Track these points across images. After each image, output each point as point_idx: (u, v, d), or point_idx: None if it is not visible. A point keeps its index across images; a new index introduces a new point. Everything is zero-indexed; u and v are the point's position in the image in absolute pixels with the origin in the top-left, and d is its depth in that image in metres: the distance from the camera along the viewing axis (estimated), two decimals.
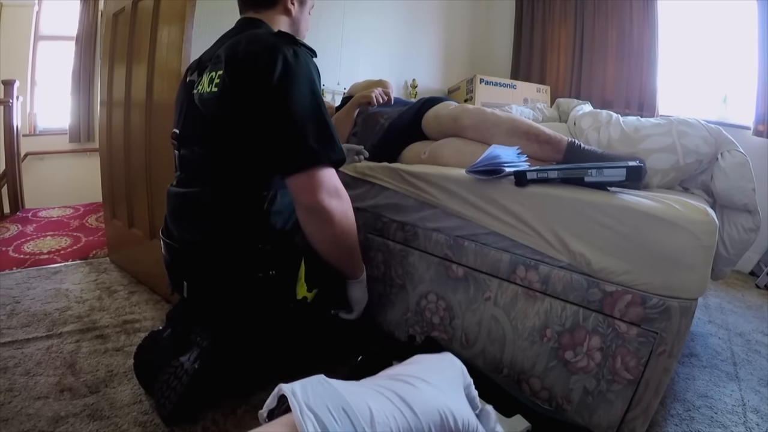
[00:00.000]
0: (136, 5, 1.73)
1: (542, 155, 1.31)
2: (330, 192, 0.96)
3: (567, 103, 2.14)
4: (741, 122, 2.75)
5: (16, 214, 3.05)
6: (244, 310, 1.07)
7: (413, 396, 0.40)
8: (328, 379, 0.40)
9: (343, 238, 1.01)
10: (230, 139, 0.98)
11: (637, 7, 3.07)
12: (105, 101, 2.00)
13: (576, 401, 1.01)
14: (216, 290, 1.06)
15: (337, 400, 0.36)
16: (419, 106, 1.57)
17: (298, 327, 1.13)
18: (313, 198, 0.94)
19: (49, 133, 4.71)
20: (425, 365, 0.48)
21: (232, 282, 1.04)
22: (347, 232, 1.02)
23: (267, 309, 1.07)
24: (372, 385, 0.41)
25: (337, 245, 1.03)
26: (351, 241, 1.05)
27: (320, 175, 0.94)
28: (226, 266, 1.03)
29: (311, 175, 0.93)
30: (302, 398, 0.35)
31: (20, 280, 1.81)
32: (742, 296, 2.30)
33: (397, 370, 0.46)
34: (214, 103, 0.96)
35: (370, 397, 0.38)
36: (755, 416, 1.25)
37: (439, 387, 0.43)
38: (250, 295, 1.04)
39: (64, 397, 1.11)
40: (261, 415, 0.41)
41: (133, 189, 1.83)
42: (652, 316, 0.89)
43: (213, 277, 1.05)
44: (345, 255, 1.07)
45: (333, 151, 0.96)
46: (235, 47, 0.95)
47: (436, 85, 3.57)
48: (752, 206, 1.36)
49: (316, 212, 0.96)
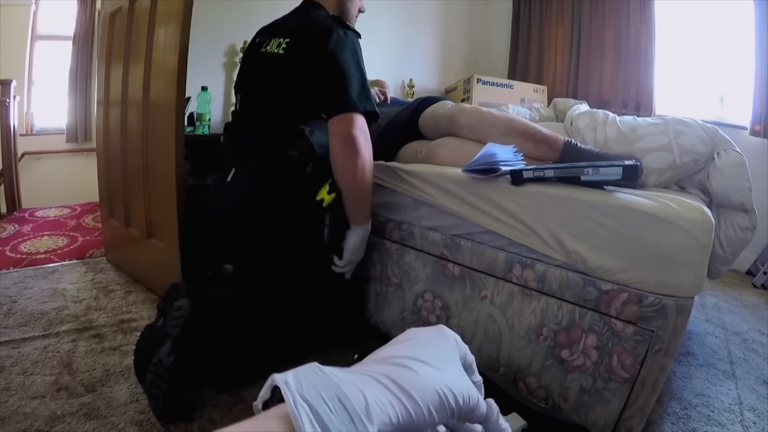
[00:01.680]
0: (133, 5, 1.72)
1: (539, 154, 1.31)
2: (361, 131, 1.17)
3: (564, 103, 2.15)
4: (738, 122, 2.76)
5: (13, 213, 3.04)
6: (281, 236, 1.27)
7: (409, 379, 0.39)
8: (321, 367, 0.39)
9: (364, 172, 1.19)
10: (285, 88, 1.25)
11: (634, 7, 3.07)
12: (102, 101, 1.99)
13: (572, 400, 1.01)
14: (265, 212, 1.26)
15: (332, 388, 0.36)
16: (416, 106, 1.57)
17: (310, 283, 1.32)
18: (348, 131, 1.15)
19: (46, 132, 4.69)
20: (418, 341, 0.47)
21: (280, 206, 1.25)
22: (368, 169, 1.21)
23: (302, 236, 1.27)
24: (367, 370, 0.40)
25: (357, 178, 1.19)
26: (368, 179, 1.22)
27: (356, 118, 1.17)
28: (278, 190, 1.25)
29: (349, 117, 1.16)
30: (296, 388, 0.35)
31: (17, 280, 1.80)
32: (738, 295, 2.31)
33: (390, 350, 0.45)
34: (279, 62, 1.25)
35: (365, 385, 0.38)
36: (752, 414, 1.25)
37: (435, 365, 0.42)
38: (293, 219, 1.26)
39: (61, 396, 1.11)
40: (255, 406, 0.41)
41: (129, 189, 1.83)
42: (649, 315, 0.89)
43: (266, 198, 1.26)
44: (360, 191, 1.22)
45: (368, 105, 1.20)
46: (302, 23, 1.28)
47: (433, 84, 3.56)
48: (748, 205, 1.36)
49: (348, 141, 1.15)
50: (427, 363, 0.42)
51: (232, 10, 2.33)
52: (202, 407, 1.10)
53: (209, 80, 2.24)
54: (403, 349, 0.44)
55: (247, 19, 2.35)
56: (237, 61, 2.37)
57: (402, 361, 0.41)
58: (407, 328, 0.50)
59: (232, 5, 2.32)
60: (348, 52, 1.21)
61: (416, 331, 0.50)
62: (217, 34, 2.31)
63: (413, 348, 0.45)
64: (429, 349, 0.45)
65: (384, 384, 0.38)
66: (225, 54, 2.35)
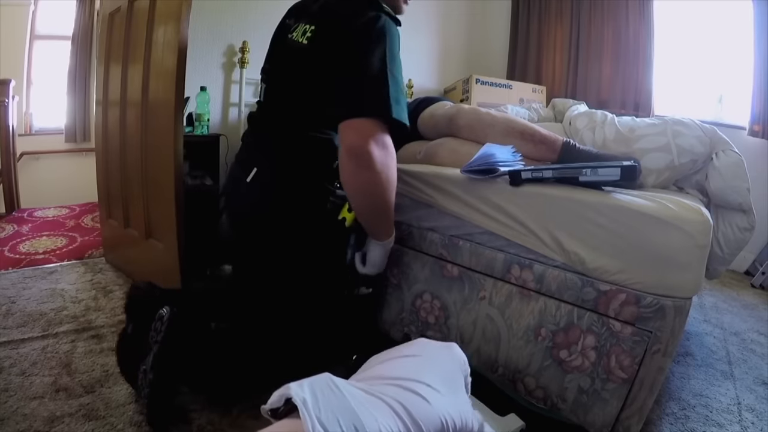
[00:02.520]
0: (132, 5, 1.72)
1: (537, 155, 1.31)
2: (377, 141, 0.94)
3: (562, 104, 2.15)
4: (736, 122, 2.76)
5: (11, 214, 3.04)
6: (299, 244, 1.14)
7: (419, 408, 0.41)
8: (335, 380, 0.40)
9: (379, 190, 1.00)
10: (312, 87, 1.07)
11: (632, 8, 3.08)
12: (101, 101, 1.99)
13: (571, 400, 1.01)
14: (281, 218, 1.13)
15: (348, 414, 0.37)
16: (415, 106, 1.57)
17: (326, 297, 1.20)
18: (359, 142, 0.93)
19: (45, 132, 4.68)
20: (428, 360, 0.48)
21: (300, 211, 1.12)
22: (383, 185, 1.00)
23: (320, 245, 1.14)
24: (378, 391, 0.42)
25: (369, 198, 1.02)
26: (385, 196, 1.02)
27: (373, 125, 0.94)
28: (297, 195, 1.12)
29: (364, 123, 0.94)
30: (314, 410, 0.35)
31: (16, 280, 1.80)
32: (737, 295, 2.31)
33: (399, 367, 0.46)
34: (303, 55, 1.07)
35: (378, 409, 0.39)
36: (750, 415, 1.26)
37: (441, 390, 0.44)
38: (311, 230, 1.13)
39: (60, 397, 1.11)
40: (264, 409, 0.41)
41: (128, 189, 1.83)
42: (647, 315, 0.89)
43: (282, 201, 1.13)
44: (376, 209, 1.05)
45: (397, 111, 0.96)
46: (331, 4, 1.08)
47: (431, 85, 3.56)
48: (747, 206, 1.37)
49: (356, 155, 0.94)
50: (434, 389, 0.44)
51: (231, 9, 2.32)
52: (201, 408, 1.10)
53: (208, 80, 2.24)
54: (412, 369, 0.46)
55: (247, 19, 2.36)
56: (236, 62, 2.37)
57: (412, 385, 0.43)
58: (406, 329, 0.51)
59: (232, 5, 2.32)
60: (377, 38, 0.97)
61: (426, 345, 0.51)
62: (216, 34, 2.30)
63: (422, 368, 0.46)
64: (437, 371, 0.47)
65: (396, 411, 0.40)
66: (224, 54, 2.35)
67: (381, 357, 0.50)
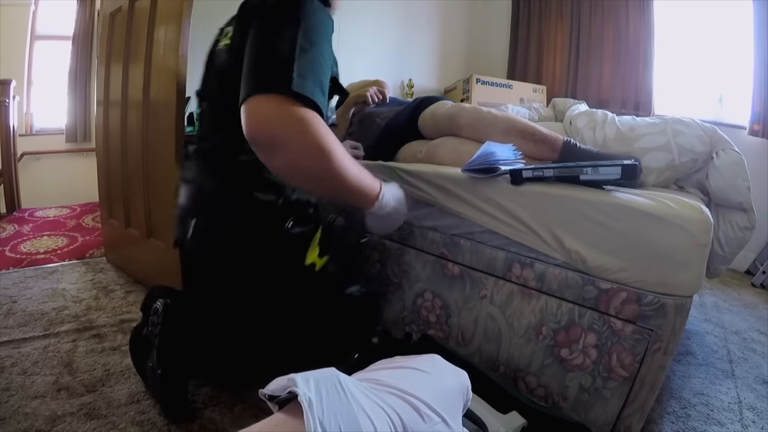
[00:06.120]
0: (133, 5, 1.72)
1: (538, 154, 1.32)
2: (280, 116, 0.76)
3: (563, 103, 2.15)
4: (737, 122, 2.76)
5: (12, 214, 3.04)
6: (250, 267, 1.00)
7: (414, 425, 0.41)
8: (341, 379, 0.40)
9: (313, 166, 0.80)
10: (233, 88, 0.84)
11: (633, 7, 3.08)
12: (102, 101, 1.99)
13: (572, 398, 1.01)
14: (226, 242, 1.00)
15: (351, 420, 0.36)
16: (415, 106, 1.57)
17: (302, 302, 1.05)
18: (254, 125, 0.76)
19: (46, 132, 4.68)
20: (436, 382, 0.48)
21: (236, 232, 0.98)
22: (315, 159, 0.79)
23: (275, 270, 0.99)
24: (383, 400, 0.42)
25: (307, 178, 0.83)
26: (329, 172, 0.81)
27: (268, 101, 0.76)
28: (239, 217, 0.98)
29: (257, 101, 0.76)
30: (317, 411, 0.35)
31: (17, 280, 1.80)
32: (737, 295, 2.31)
33: (408, 379, 0.47)
34: (226, 57, 0.97)
35: (379, 419, 0.39)
36: (751, 413, 1.26)
37: (443, 415, 0.45)
38: (260, 252, 0.97)
39: (61, 396, 1.11)
40: (262, 393, 0.41)
41: (129, 189, 1.83)
42: (647, 314, 0.90)
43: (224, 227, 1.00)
44: (327, 188, 0.87)
45: (295, 83, 0.76)
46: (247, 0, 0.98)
47: (432, 84, 3.57)
48: (747, 205, 1.37)
49: (258, 144, 0.78)
50: (435, 411, 0.44)
51: (232, 9, 2.31)
52: (203, 407, 1.10)
53: None
54: (419, 385, 0.46)
55: None
56: None
57: (415, 402, 0.43)
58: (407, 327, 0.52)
59: (232, 5, 2.27)
60: (288, 16, 0.82)
61: (438, 364, 0.52)
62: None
63: (429, 387, 0.47)
64: (442, 396, 0.47)
65: (394, 424, 0.40)
66: None
67: (393, 362, 0.50)
